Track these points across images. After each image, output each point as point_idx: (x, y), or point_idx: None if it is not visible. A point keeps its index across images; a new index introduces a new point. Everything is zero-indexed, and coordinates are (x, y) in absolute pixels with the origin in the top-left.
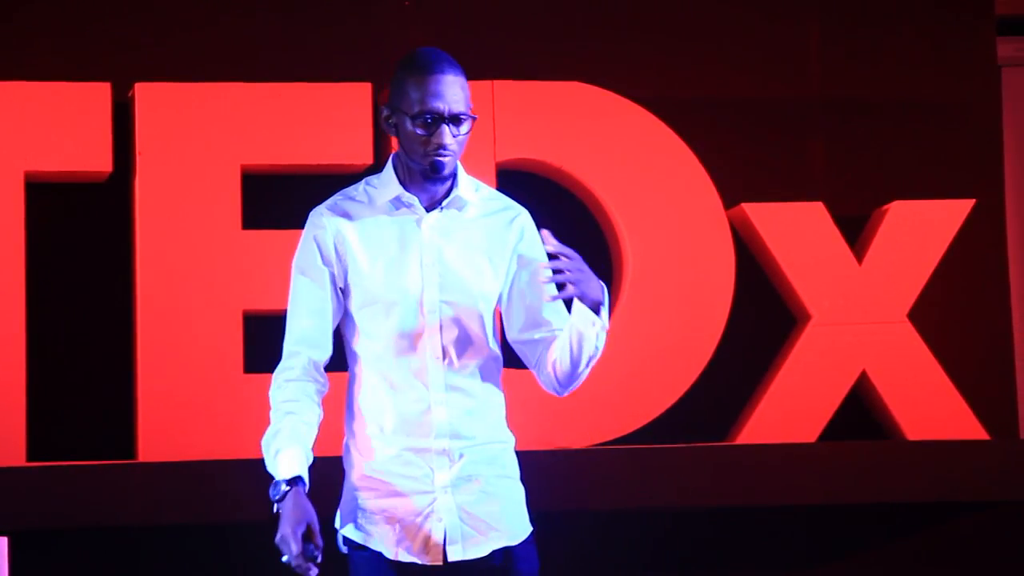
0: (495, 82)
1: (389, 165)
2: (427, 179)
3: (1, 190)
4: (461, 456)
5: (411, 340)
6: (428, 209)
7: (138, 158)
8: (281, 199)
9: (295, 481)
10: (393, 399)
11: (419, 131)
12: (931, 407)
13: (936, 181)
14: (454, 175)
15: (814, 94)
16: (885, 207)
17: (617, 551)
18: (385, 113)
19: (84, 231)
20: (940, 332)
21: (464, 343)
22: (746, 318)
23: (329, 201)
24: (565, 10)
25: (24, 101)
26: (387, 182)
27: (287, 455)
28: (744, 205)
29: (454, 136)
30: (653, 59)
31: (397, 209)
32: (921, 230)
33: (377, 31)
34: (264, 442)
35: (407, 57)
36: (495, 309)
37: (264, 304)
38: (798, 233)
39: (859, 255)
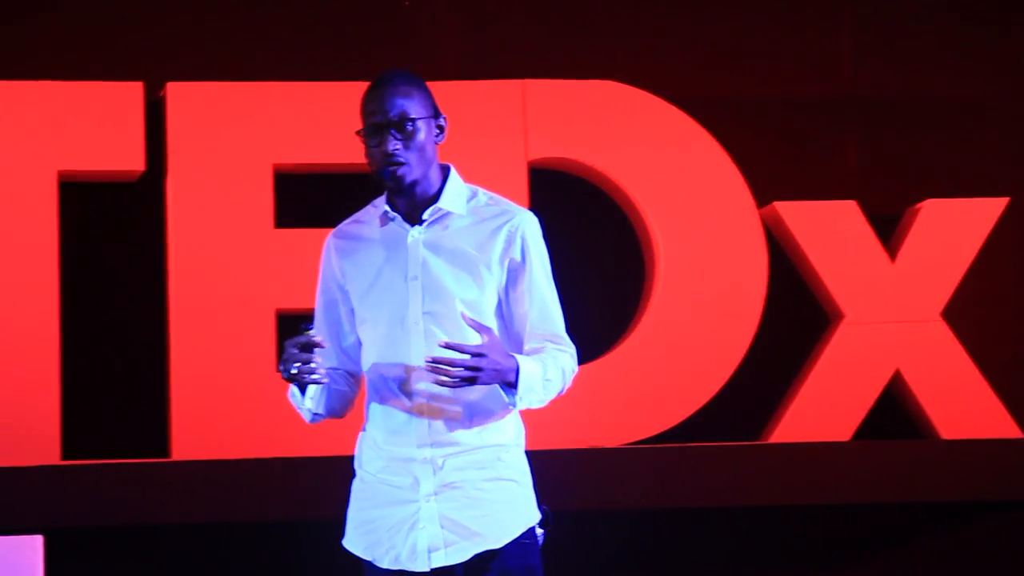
0: (526, 81)
1: None
2: (390, 192)
3: (35, 189)
4: (444, 464)
5: (397, 352)
6: (414, 222)
7: (170, 157)
8: (314, 198)
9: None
10: (383, 411)
11: (368, 144)
12: (965, 406)
13: (969, 179)
14: (441, 187)
15: (847, 93)
16: (918, 205)
17: (651, 549)
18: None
19: (117, 230)
20: (974, 331)
21: (448, 352)
22: (779, 317)
23: (340, 225)
24: (597, 9)
25: (57, 101)
26: (382, 200)
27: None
28: (777, 204)
29: (398, 140)
30: (686, 58)
31: (384, 225)
32: (955, 228)
33: (409, 31)
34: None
35: None
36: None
37: (297, 303)
38: (831, 232)
39: (892, 254)
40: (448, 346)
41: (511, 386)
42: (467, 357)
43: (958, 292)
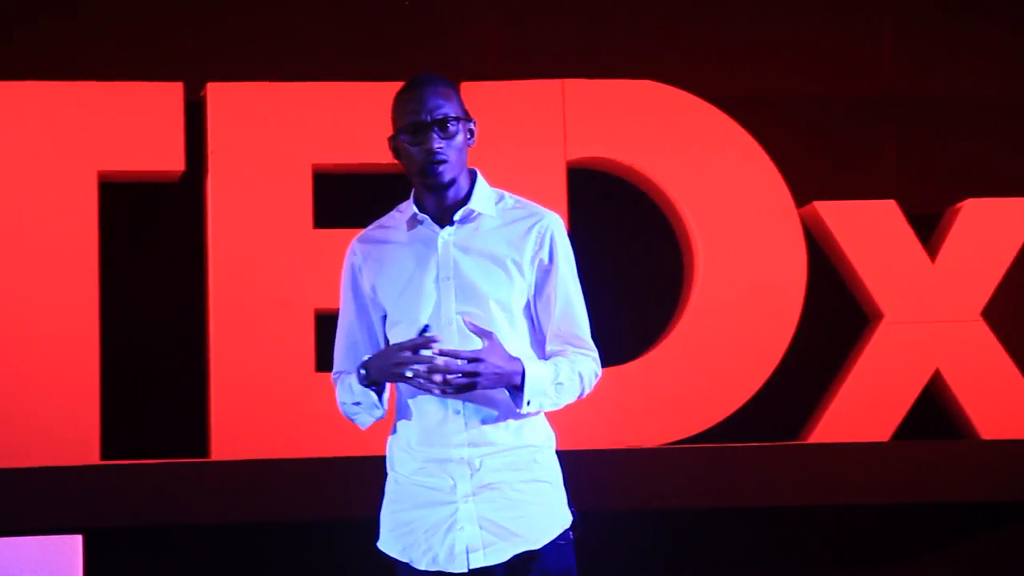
0: (565, 81)
1: (413, 190)
2: (430, 190)
3: (75, 189)
4: (481, 464)
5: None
6: (444, 224)
7: (210, 157)
8: (353, 198)
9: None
10: (416, 411)
11: (409, 143)
12: (1005, 406)
13: (1010, 179)
14: (470, 190)
15: (886, 92)
16: (958, 205)
17: (689, 549)
18: (391, 145)
19: (157, 230)
20: (1014, 330)
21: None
22: (818, 317)
23: (363, 231)
24: (636, 9)
25: (97, 101)
26: (408, 205)
27: (356, 371)
28: (816, 203)
29: (442, 139)
30: (725, 58)
31: (413, 228)
32: (995, 228)
33: (450, 30)
34: (345, 402)
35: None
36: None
37: (336, 303)
38: (870, 231)
39: (932, 253)
40: (443, 352)
41: (518, 389)
42: (462, 362)
43: (998, 292)
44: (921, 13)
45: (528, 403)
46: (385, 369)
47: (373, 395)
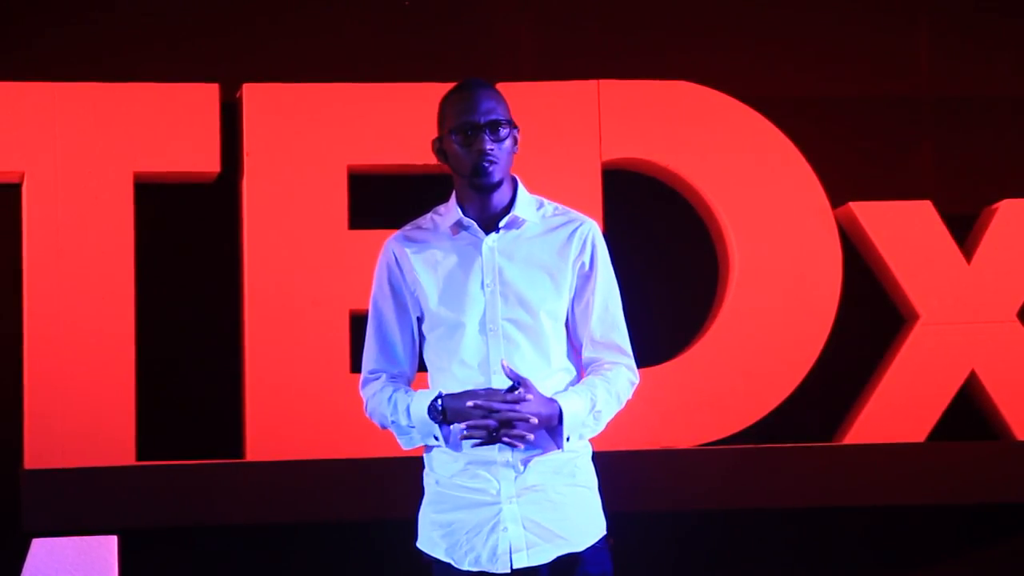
0: (601, 81)
1: (453, 193)
2: (477, 191)
3: (111, 190)
4: (526, 467)
5: (474, 359)
6: (488, 230)
7: (246, 158)
8: (388, 199)
9: (438, 397)
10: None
11: (460, 143)
12: None
13: None
14: (513, 196)
15: (922, 93)
16: (994, 205)
17: (725, 550)
18: (436, 146)
19: (192, 231)
20: None
21: (528, 359)
22: (854, 317)
23: (399, 231)
24: (672, 10)
25: (133, 102)
26: (450, 208)
27: (417, 397)
28: (851, 204)
29: (492, 141)
30: (760, 58)
31: (457, 233)
32: None
33: (483, 32)
34: (387, 416)
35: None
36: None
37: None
38: (906, 232)
39: (968, 254)
40: (480, 405)
41: (556, 428)
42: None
43: None
44: (957, 12)
45: (568, 439)
46: (461, 411)
47: (436, 428)
